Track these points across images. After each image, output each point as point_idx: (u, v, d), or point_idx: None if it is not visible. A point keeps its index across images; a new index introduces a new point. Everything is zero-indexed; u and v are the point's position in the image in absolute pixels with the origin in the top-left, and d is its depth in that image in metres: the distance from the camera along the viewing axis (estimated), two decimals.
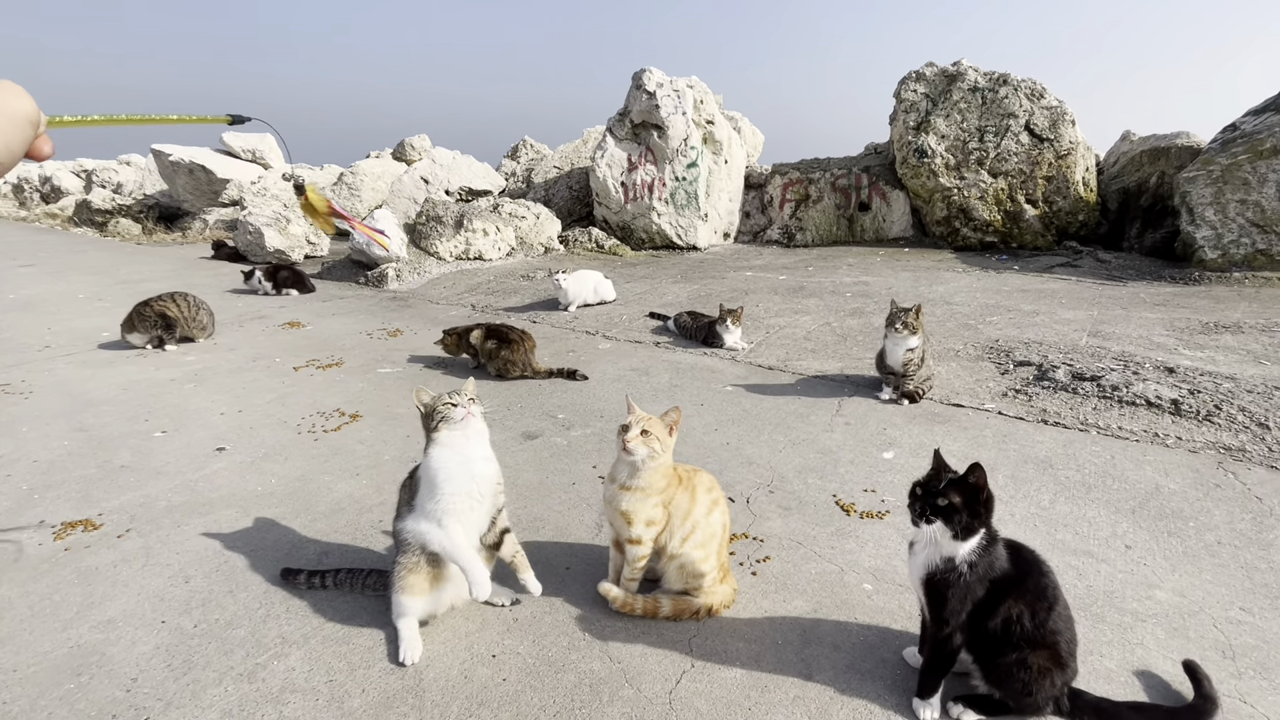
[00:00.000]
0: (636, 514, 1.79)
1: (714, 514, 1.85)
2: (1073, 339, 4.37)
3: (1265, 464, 2.69)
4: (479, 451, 1.76)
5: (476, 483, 1.72)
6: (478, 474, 1.73)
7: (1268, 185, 6.29)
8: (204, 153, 13.53)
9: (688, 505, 1.84)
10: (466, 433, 1.74)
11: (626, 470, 1.80)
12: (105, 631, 1.84)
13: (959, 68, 8.68)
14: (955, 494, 1.41)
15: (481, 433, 1.79)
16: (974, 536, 1.42)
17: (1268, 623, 1.79)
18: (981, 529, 1.42)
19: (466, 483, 1.71)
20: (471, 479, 1.72)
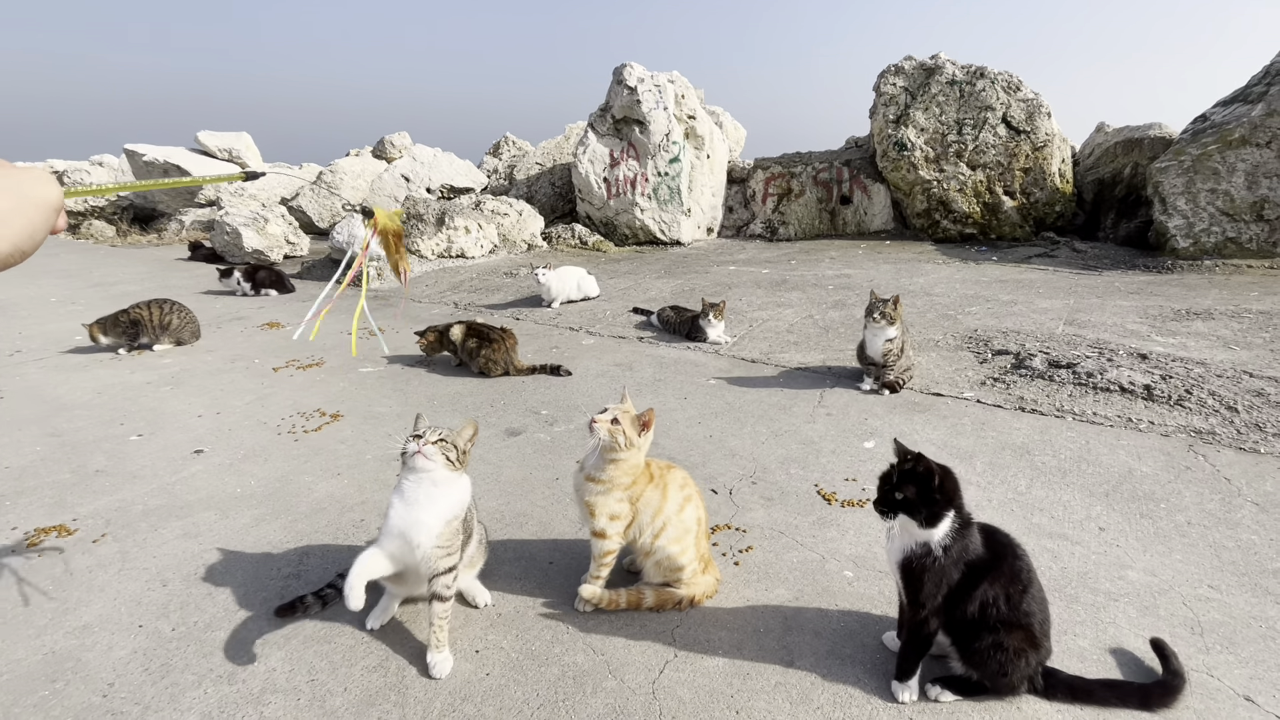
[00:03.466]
0: (599, 507, 1.78)
1: (686, 510, 1.84)
2: (1049, 328, 4.44)
3: (1234, 446, 2.75)
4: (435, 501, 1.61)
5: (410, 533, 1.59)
6: (418, 521, 1.59)
7: (1237, 175, 6.43)
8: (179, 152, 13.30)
9: (658, 502, 1.82)
10: (424, 475, 1.60)
11: (595, 460, 1.78)
12: (81, 637, 1.81)
13: (937, 61, 8.76)
14: (909, 486, 1.44)
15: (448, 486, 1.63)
16: (942, 522, 1.44)
17: (1234, 599, 1.84)
18: (948, 514, 1.44)
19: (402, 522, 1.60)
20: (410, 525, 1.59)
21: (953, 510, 1.44)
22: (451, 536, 1.64)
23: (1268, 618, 1.76)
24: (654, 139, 8.93)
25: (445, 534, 1.62)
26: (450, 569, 1.65)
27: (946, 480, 1.44)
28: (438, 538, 1.61)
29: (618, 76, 9.17)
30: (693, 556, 1.85)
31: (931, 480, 1.42)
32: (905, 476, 1.45)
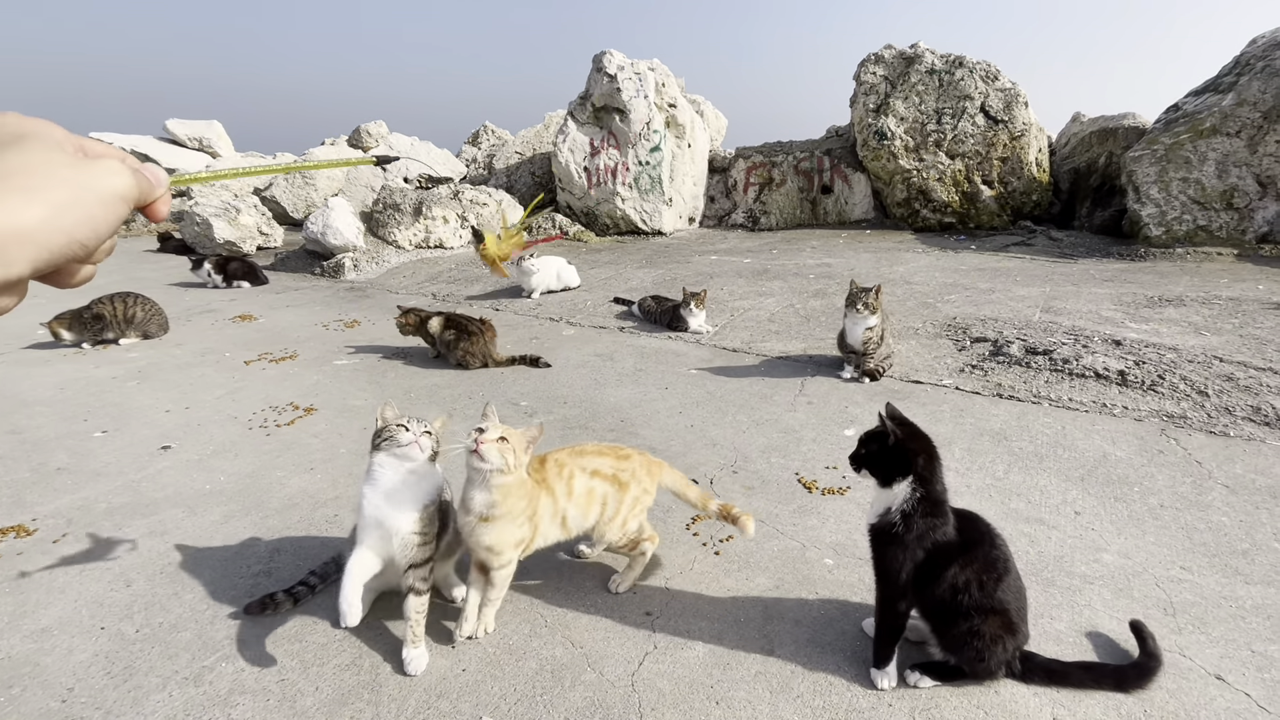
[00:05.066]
0: (504, 543, 1.61)
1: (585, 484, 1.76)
2: (1026, 315, 4.48)
3: (1205, 430, 2.80)
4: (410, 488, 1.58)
5: (387, 521, 1.57)
6: (392, 510, 1.57)
7: (1208, 164, 6.53)
8: (147, 141, 12.93)
9: (551, 506, 1.72)
10: (404, 464, 1.57)
11: (481, 497, 1.57)
12: (39, 641, 1.75)
13: (916, 50, 8.77)
14: (873, 443, 1.50)
15: (422, 475, 1.60)
16: (897, 485, 1.47)
17: (1206, 580, 1.87)
18: (903, 478, 1.46)
19: (376, 510, 1.57)
20: (384, 511, 1.57)
21: (911, 478, 1.45)
22: (428, 523, 1.61)
23: (1237, 597, 1.79)
24: (634, 127, 8.85)
25: (423, 520, 1.60)
26: (426, 560, 1.62)
27: (908, 444, 1.46)
28: (415, 523, 1.59)
29: (597, 64, 9.06)
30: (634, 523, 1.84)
31: (886, 440, 1.47)
32: (873, 435, 1.52)
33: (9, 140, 0.37)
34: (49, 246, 0.36)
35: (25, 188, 0.35)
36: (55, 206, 0.36)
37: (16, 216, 0.34)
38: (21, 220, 0.35)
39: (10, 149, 0.37)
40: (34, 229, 0.35)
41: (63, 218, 0.36)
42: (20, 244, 0.35)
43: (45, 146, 0.38)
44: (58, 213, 0.36)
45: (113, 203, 0.39)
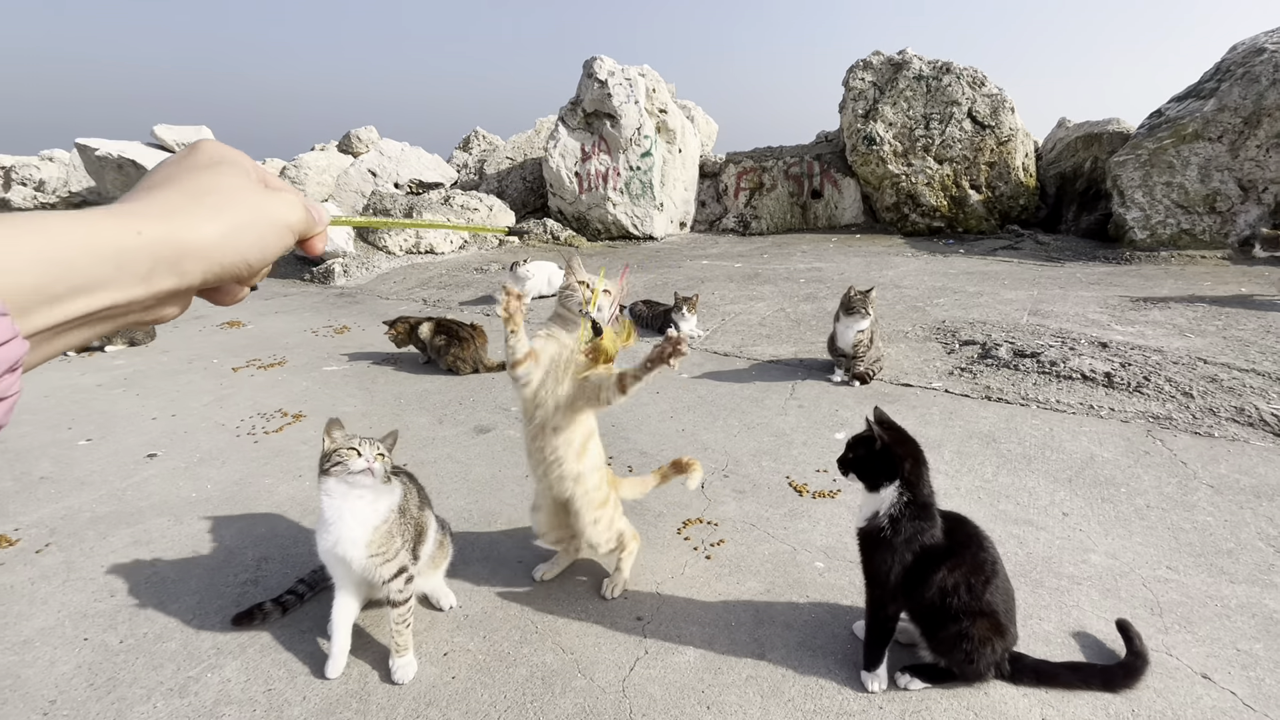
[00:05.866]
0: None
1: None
2: (1014, 318, 4.52)
3: (1190, 430, 2.83)
4: (358, 514, 1.52)
5: (341, 546, 1.52)
6: (343, 537, 1.51)
7: (1190, 168, 6.63)
8: (135, 147, 12.81)
9: None
10: (357, 489, 1.52)
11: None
12: (20, 653, 1.72)
13: (904, 56, 8.86)
14: (859, 448, 1.50)
15: (374, 495, 1.54)
16: (883, 489, 1.47)
17: (1191, 579, 1.88)
18: (889, 482, 1.47)
19: (332, 546, 1.53)
20: (336, 542, 1.52)
21: (898, 482, 1.45)
22: (384, 542, 1.55)
23: (1222, 597, 1.81)
24: (625, 133, 8.87)
25: (375, 541, 1.54)
26: (399, 573, 1.58)
27: (893, 450, 1.46)
28: (367, 547, 1.53)
29: (588, 70, 9.09)
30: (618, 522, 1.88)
31: (873, 444, 1.48)
32: (860, 439, 1.53)
33: (207, 164, 0.41)
34: (221, 262, 0.39)
35: (213, 206, 0.39)
36: (234, 227, 0.39)
37: (198, 231, 0.37)
38: (202, 235, 0.38)
39: (208, 171, 0.41)
40: (211, 245, 0.38)
41: (238, 238, 0.39)
42: (197, 257, 0.37)
43: (236, 173, 0.42)
44: (235, 232, 0.39)
45: (283, 231, 0.43)
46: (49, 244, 0.32)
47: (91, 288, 0.33)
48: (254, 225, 0.40)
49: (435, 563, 1.78)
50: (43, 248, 0.31)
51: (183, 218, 0.37)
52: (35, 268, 0.31)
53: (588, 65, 9.12)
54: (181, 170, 0.40)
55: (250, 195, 0.41)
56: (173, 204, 0.38)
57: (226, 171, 0.41)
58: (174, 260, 0.36)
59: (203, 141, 0.43)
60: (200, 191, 0.39)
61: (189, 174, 0.40)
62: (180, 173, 0.40)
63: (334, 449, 1.52)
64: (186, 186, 0.39)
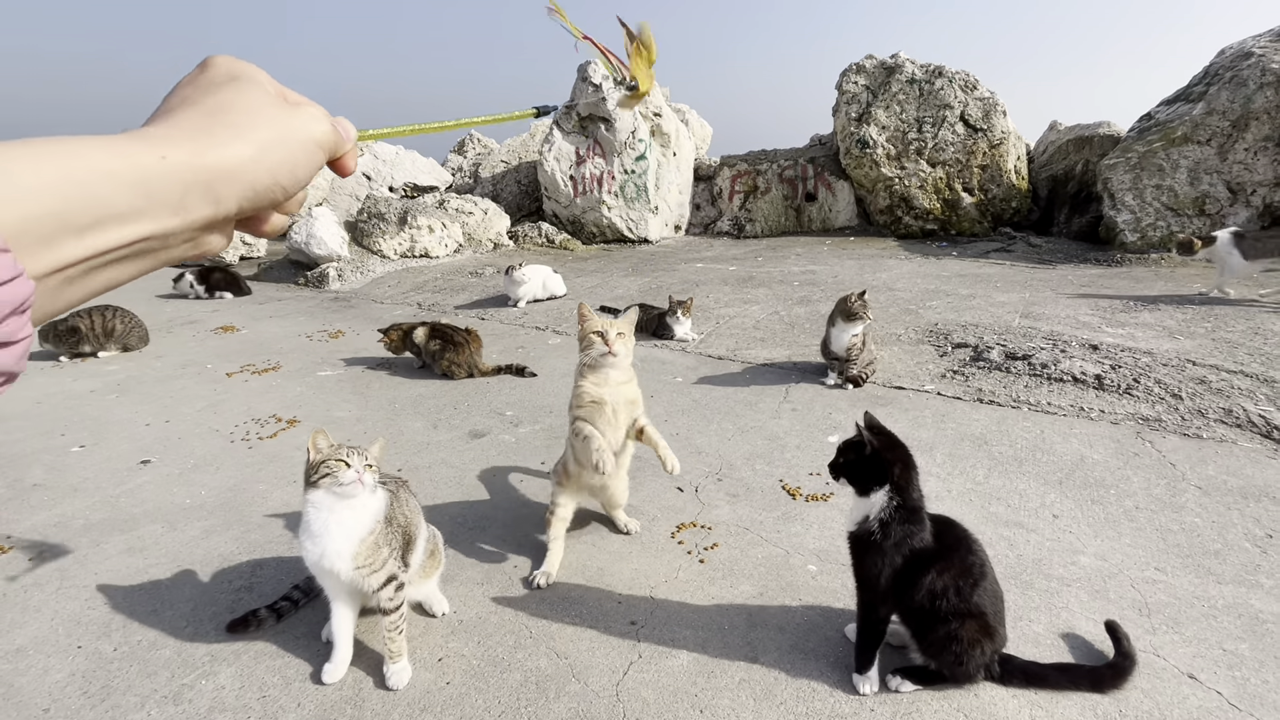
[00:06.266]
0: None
1: None
2: (1006, 320, 4.55)
3: (1179, 432, 2.86)
4: (344, 526, 1.51)
5: (327, 559, 1.51)
6: (329, 550, 1.50)
7: (1180, 171, 6.69)
8: None
9: None
10: (344, 500, 1.50)
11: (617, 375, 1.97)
12: (13, 661, 1.72)
13: (897, 60, 8.91)
14: (850, 452, 1.52)
15: (360, 506, 1.53)
16: (874, 494, 1.49)
17: (1179, 580, 1.91)
18: (879, 487, 1.48)
19: (318, 559, 1.52)
20: (322, 555, 1.51)
21: (887, 486, 1.47)
22: (371, 554, 1.54)
23: (1209, 597, 1.83)
24: (620, 136, 8.90)
25: (362, 553, 1.52)
26: (387, 582, 1.57)
27: (883, 455, 1.47)
28: (354, 559, 1.52)
29: (582, 74, 9.12)
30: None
31: (863, 450, 1.49)
32: (850, 444, 1.54)
33: (224, 79, 0.38)
34: (255, 186, 0.36)
35: (235, 125, 0.36)
36: (261, 146, 0.37)
37: (227, 152, 0.35)
38: (231, 157, 0.35)
39: (226, 88, 0.38)
40: (242, 167, 0.36)
41: (268, 157, 0.37)
42: (230, 181, 0.35)
43: (255, 89, 0.38)
44: (263, 152, 0.37)
45: (312, 149, 0.40)
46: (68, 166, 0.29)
47: (121, 217, 0.31)
48: (282, 143, 0.38)
49: (427, 572, 1.79)
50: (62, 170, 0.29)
51: (207, 138, 0.35)
52: (55, 190, 0.28)
53: (582, 69, 9.14)
54: (198, 90, 0.38)
55: (273, 110, 0.38)
56: (195, 124, 0.35)
57: (245, 88, 0.38)
58: (206, 185, 0.34)
59: (215, 57, 0.40)
60: (221, 109, 0.36)
61: (206, 92, 0.37)
62: (197, 92, 0.37)
63: (322, 460, 1.50)
64: (206, 105, 0.36)
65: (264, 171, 0.37)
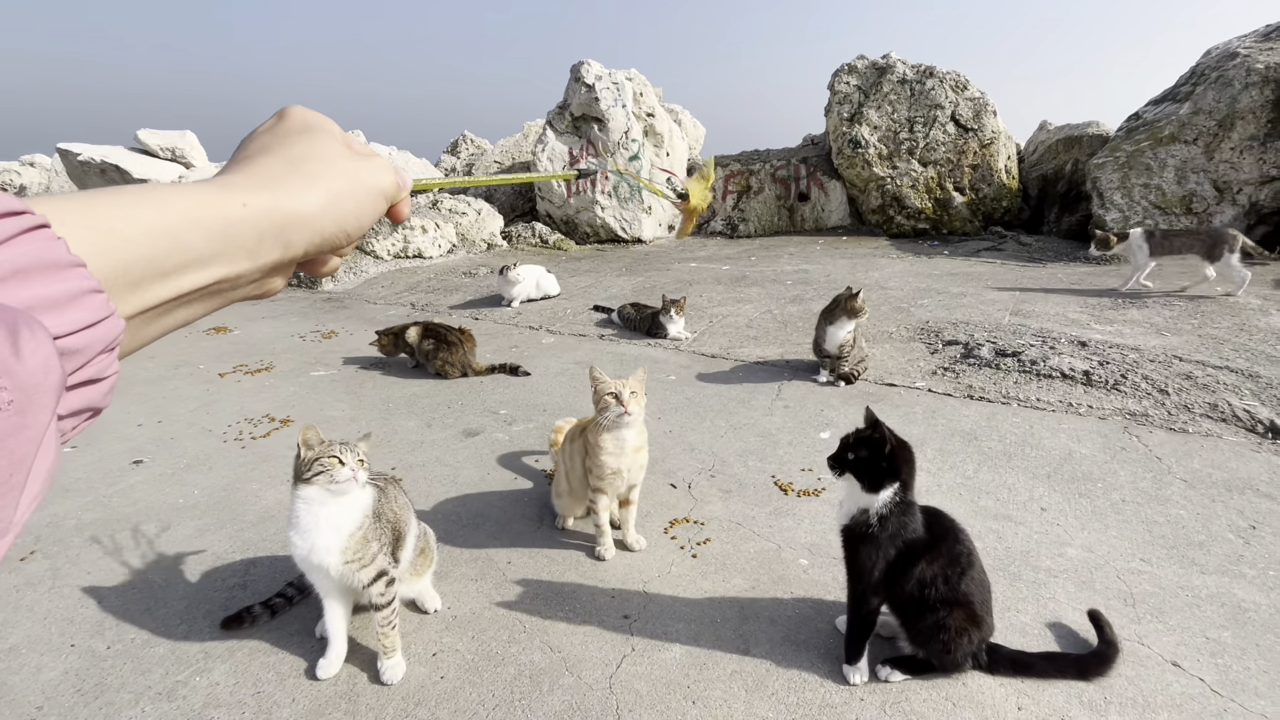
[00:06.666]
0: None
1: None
2: (996, 318, 4.59)
3: (1165, 426, 2.90)
4: (333, 521, 1.52)
5: (316, 554, 1.51)
6: (318, 545, 1.51)
7: (1167, 170, 6.76)
8: (118, 151, 12.69)
9: None
10: (333, 497, 1.51)
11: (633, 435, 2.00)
12: (6, 660, 1.71)
13: (888, 60, 8.96)
14: (864, 449, 1.50)
15: (350, 501, 1.54)
16: (883, 491, 1.49)
17: (1164, 571, 1.94)
18: (890, 484, 1.49)
19: (307, 554, 1.52)
20: (311, 550, 1.51)
21: (897, 484, 1.49)
22: (360, 548, 1.54)
23: (1193, 587, 1.86)
24: (613, 136, 8.92)
25: (350, 548, 1.53)
26: (378, 577, 1.58)
27: (899, 452, 1.49)
28: (343, 553, 1.53)
29: (575, 74, 9.12)
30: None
31: (882, 448, 1.48)
32: (863, 440, 1.52)
33: (300, 129, 0.40)
34: (322, 232, 0.38)
35: (310, 174, 0.38)
36: (333, 196, 0.39)
37: (300, 200, 0.37)
38: (305, 205, 0.37)
39: (302, 138, 0.40)
40: (313, 215, 0.38)
41: (338, 206, 0.39)
42: (301, 228, 0.37)
43: (328, 139, 0.41)
44: (334, 201, 0.39)
45: (377, 198, 0.42)
46: (161, 215, 0.31)
47: (201, 262, 0.33)
48: (351, 193, 0.40)
49: (419, 570, 1.79)
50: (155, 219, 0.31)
51: (285, 187, 0.37)
52: (148, 238, 0.30)
53: (575, 69, 9.15)
54: (276, 138, 0.40)
55: (345, 162, 0.41)
56: (273, 173, 0.37)
57: (319, 138, 0.41)
58: (279, 231, 0.36)
59: (292, 107, 0.42)
60: (297, 159, 0.39)
61: (284, 142, 0.40)
62: (275, 141, 0.40)
63: (316, 457, 1.50)
64: (284, 154, 0.39)
65: (332, 220, 0.39)
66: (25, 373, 0.22)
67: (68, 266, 0.25)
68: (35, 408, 0.22)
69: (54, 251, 0.25)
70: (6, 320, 0.22)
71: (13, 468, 0.22)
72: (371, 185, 0.41)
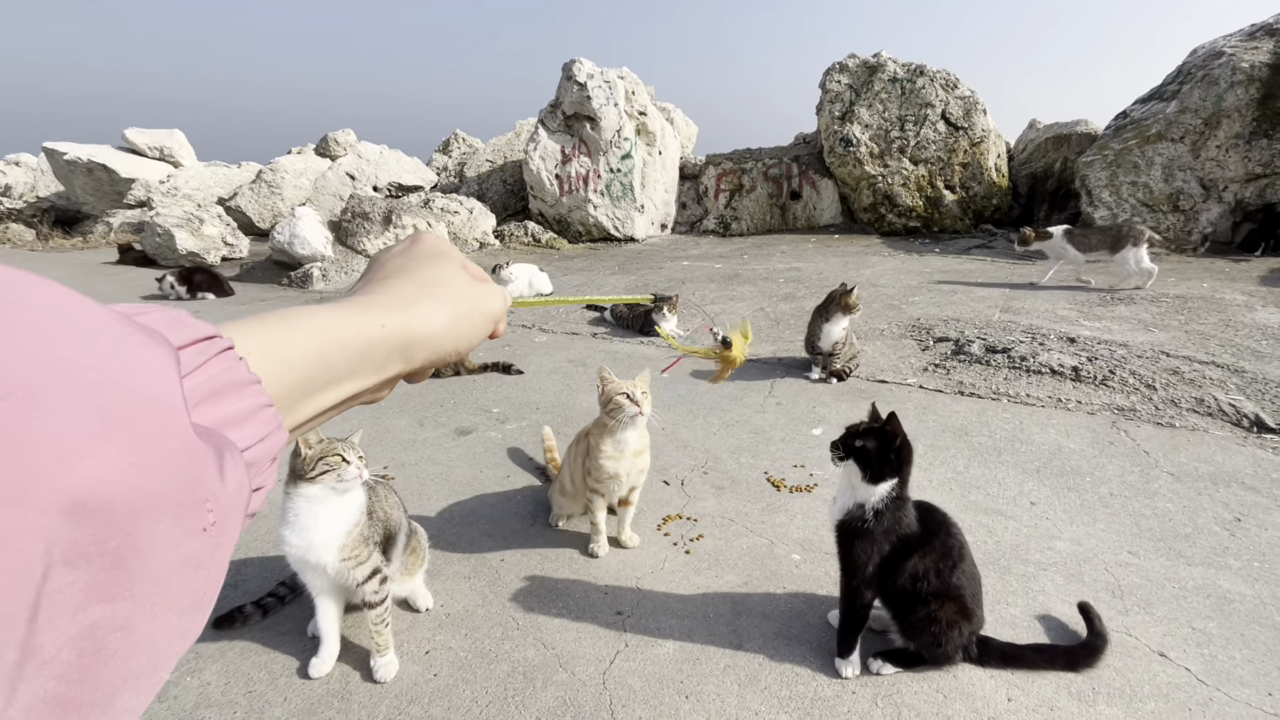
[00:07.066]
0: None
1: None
2: (987, 315, 4.62)
3: (1152, 421, 2.93)
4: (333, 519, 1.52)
5: (314, 552, 1.51)
6: (315, 543, 1.50)
7: (1154, 168, 6.82)
8: (105, 151, 12.57)
9: None
10: (334, 495, 1.51)
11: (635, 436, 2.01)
12: None
13: (879, 59, 9.00)
14: (872, 439, 1.50)
15: (349, 499, 1.54)
16: (884, 483, 1.50)
17: (1151, 563, 1.96)
18: (892, 478, 1.50)
19: (303, 552, 1.51)
20: (309, 548, 1.51)
21: (896, 478, 1.50)
22: (357, 545, 1.55)
23: (1180, 579, 1.88)
24: (605, 135, 8.91)
25: (348, 545, 1.53)
26: (372, 574, 1.58)
27: (904, 448, 1.50)
28: (340, 551, 1.52)
29: (567, 72, 9.11)
30: None
31: (893, 441, 1.49)
32: (872, 430, 1.51)
33: (431, 255, 0.44)
34: (440, 350, 0.41)
35: (438, 298, 0.42)
36: (454, 318, 0.42)
37: (427, 321, 0.40)
38: (431, 326, 0.40)
39: (432, 263, 0.44)
40: (436, 334, 0.41)
41: (457, 328, 0.42)
42: (423, 346, 0.40)
43: (453, 265, 0.45)
44: (454, 323, 0.42)
45: (488, 320, 0.45)
46: (318, 339, 0.34)
47: (342, 379, 0.35)
48: (469, 315, 0.43)
49: (410, 569, 1.79)
50: (312, 343, 0.33)
51: (416, 309, 0.40)
52: (306, 361, 0.33)
53: (567, 68, 9.14)
54: (409, 261, 0.43)
55: (466, 287, 0.44)
56: (407, 295, 0.40)
57: (446, 264, 0.44)
58: (404, 348, 0.38)
59: (422, 234, 0.46)
60: (428, 283, 0.42)
61: (416, 265, 0.43)
62: (409, 264, 0.43)
63: (320, 455, 1.50)
64: (416, 278, 0.42)
65: (450, 340, 0.42)
66: (227, 495, 0.23)
67: (248, 385, 0.27)
68: (230, 527, 0.24)
69: (239, 372, 0.27)
70: (214, 445, 0.23)
71: (210, 584, 0.23)
72: (486, 309, 0.45)
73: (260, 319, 0.32)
